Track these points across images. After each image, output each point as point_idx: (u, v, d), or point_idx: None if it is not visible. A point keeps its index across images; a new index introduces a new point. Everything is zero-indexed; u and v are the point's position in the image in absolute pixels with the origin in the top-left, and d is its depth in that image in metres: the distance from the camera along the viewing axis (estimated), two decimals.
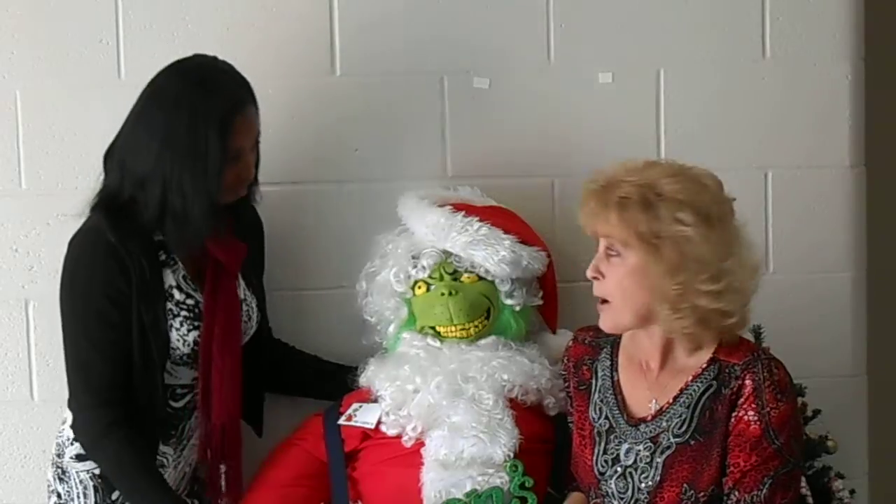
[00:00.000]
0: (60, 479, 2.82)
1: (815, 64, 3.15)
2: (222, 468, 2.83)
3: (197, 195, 2.67)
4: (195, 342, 2.77)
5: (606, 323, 2.58)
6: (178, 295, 2.77)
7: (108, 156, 2.78)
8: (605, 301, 2.56)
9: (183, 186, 2.67)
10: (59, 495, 2.82)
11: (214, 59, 2.77)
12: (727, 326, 2.53)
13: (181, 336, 2.76)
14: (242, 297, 2.86)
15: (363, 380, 2.91)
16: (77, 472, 2.80)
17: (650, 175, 2.51)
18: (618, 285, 2.53)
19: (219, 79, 2.73)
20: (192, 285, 2.79)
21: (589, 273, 2.56)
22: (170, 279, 2.77)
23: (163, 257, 2.76)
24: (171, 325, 2.75)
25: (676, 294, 2.48)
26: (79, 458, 2.79)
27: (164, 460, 2.82)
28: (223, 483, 2.84)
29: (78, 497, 2.80)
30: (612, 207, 2.49)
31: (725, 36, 3.14)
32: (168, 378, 2.79)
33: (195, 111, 2.67)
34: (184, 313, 2.77)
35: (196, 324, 2.77)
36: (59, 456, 2.83)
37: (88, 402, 2.72)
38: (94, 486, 2.79)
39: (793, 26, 3.14)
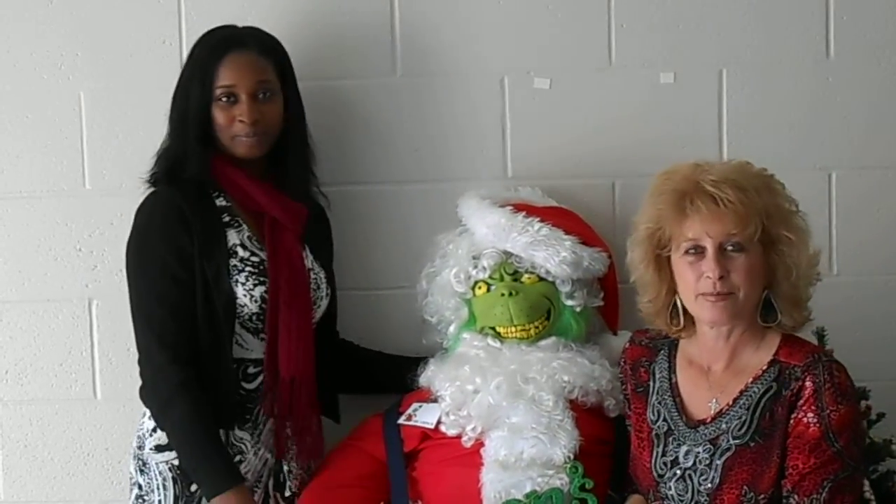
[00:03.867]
0: (141, 471, 2.85)
1: (880, 63, 3.12)
2: (288, 426, 2.83)
3: (180, 132, 2.81)
4: (262, 299, 2.79)
5: (724, 316, 2.54)
6: (242, 252, 2.81)
7: None
8: (723, 296, 2.53)
9: (172, 124, 2.82)
10: (139, 486, 2.86)
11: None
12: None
13: (247, 291, 2.79)
14: (310, 266, 2.89)
15: (423, 380, 2.91)
16: (157, 464, 2.82)
17: (752, 172, 2.55)
18: (744, 279, 2.51)
19: (224, 28, 2.86)
20: (258, 245, 2.83)
21: (716, 274, 2.50)
22: (234, 238, 2.81)
23: (226, 219, 2.82)
24: (237, 281, 2.78)
25: (803, 283, 2.54)
26: (158, 448, 2.82)
27: (243, 446, 2.83)
28: (291, 443, 2.85)
29: (158, 488, 2.82)
30: (732, 207, 2.49)
31: (789, 35, 3.12)
32: (238, 351, 2.81)
33: (194, 57, 2.83)
34: (248, 269, 2.80)
35: (262, 279, 2.80)
36: (139, 448, 2.86)
37: (159, 360, 2.74)
38: (173, 478, 2.81)
39: (857, 25, 3.11)
